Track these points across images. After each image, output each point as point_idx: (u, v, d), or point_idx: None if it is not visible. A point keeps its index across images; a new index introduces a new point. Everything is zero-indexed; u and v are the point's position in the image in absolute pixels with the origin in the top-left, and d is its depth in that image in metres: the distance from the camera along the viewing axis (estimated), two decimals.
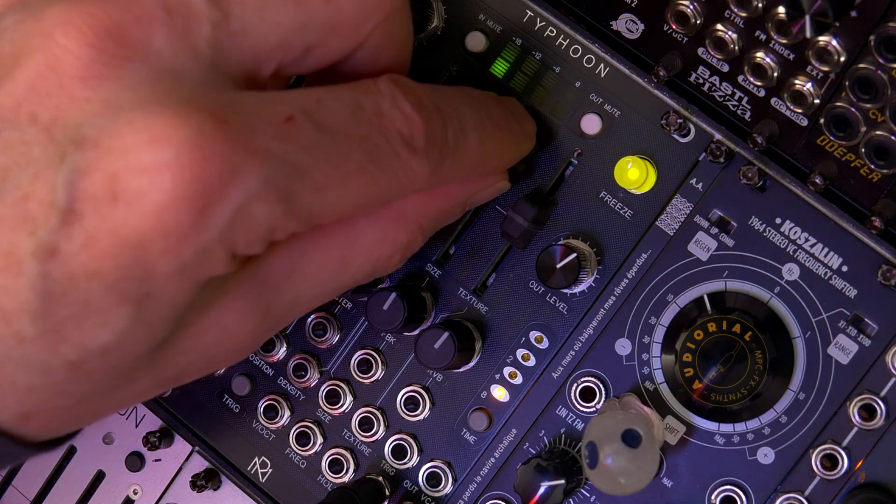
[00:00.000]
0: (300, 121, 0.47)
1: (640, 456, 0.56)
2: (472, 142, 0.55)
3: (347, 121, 0.49)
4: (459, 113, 0.54)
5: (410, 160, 0.51)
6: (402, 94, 0.51)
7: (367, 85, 0.51)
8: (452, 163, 0.53)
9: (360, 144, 0.49)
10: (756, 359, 0.59)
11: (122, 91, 0.44)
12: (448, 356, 0.61)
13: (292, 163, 0.46)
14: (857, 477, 0.59)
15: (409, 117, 0.50)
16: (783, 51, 0.57)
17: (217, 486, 0.70)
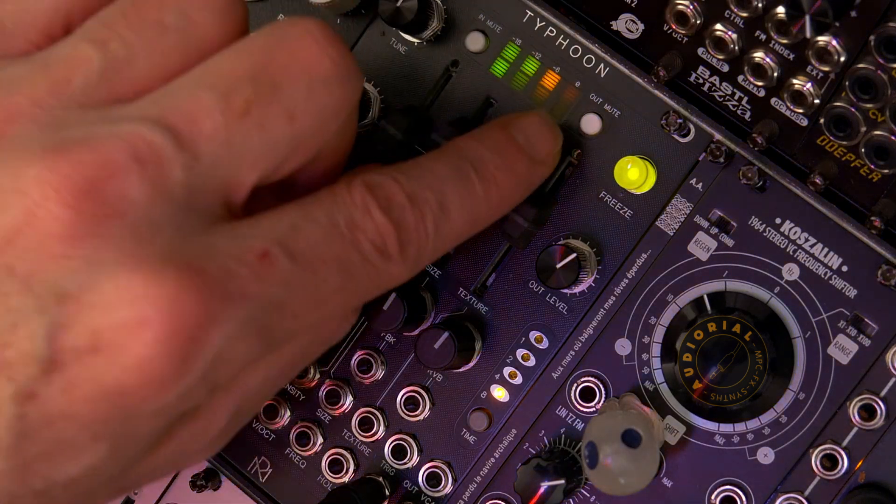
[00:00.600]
0: (275, 254, 0.48)
1: (640, 456, 0.56)
2: (456, 216, 0.55)
3: (322, 243, 0.50)
4: (439, 192, 0.54)
5: (387, 267, 0.52)
6: (373, 199, 0.51)
7: (340, 196, 0.51)
8: (436, 247, 0.54)
9: (336, 265, 0.50)
10: (756, 359, 0.59)
11: (101, 247, 0.45)
12: (448, 356, 0.61)
13: (269, 300, 0.47)
14: (857, 477, 0.59)
15: (380, 226, 0.51)
16: (783, 51, 0.57)
17: (217, 486, 0.70)
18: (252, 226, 0.48)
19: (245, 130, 0.47)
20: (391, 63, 0.65)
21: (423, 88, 0.64)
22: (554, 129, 0.60)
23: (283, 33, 0.49)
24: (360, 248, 0.51)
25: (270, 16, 0.67)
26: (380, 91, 0.65)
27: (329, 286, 0.50)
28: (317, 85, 0.49)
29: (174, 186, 0.46)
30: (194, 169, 0.46)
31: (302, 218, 0.50)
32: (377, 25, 0.65)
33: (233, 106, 0.47)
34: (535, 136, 0.59)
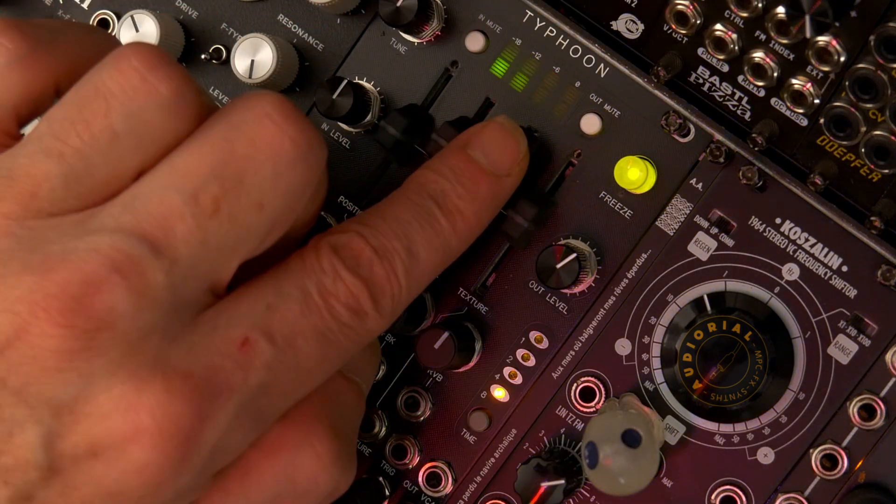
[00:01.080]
0: (254, 340, 0.49)
1: (640, 456, 0.56)
2: (425, 258, 0.55)
3: (298, 317, 0.51)
4: (406, 238, 0.54)
5: (362, 325, 0.52)
6: (341, 260, 0.52)
7: (308, 263, 0.52)
8: (411, 290, 0.55)
9: (314, 336, 0.51)
10: (756, 359, 0.59)
11: (93, 359, 0.46)
12: (448, 356, 0.61)
13: (256, 386, 0.49)
14: (857, 477, 0.59)
15: (351, 287, 0.52)
16: (783, 51, 0.57)
17: None
18: (230, 313, 0.50)
19: (218, 227, 0.48)
20: (391, 63, 0.65)
21: (423, 88, 0.64)
22: (514, 135, 0.59)
23: (241, 119, 0.50)
24: (335, 314, 0.51)
25: (270, 16, 0.67)
26: (380, 91, 0.65)
27: (311, 360, 0.51)
28: (281, 168, 0.49)
29: (158, 291, 0.47)
30: (175, 271, 0.48)
31: (276, 296, 0.51)
32: (377, 25, 0.65)
33: (202, 206, 0.48)
34: (496, 151, 0.59)
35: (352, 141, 0.66)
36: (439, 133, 0.61)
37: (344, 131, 0.66)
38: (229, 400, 0.48)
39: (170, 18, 0.67)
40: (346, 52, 0.66)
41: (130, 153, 0.49)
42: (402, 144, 0.62)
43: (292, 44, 0.66)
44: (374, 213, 0.55)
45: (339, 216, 0.66)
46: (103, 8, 0.69)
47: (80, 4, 0.70)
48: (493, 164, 0.58)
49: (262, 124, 0.49)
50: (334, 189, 0.66)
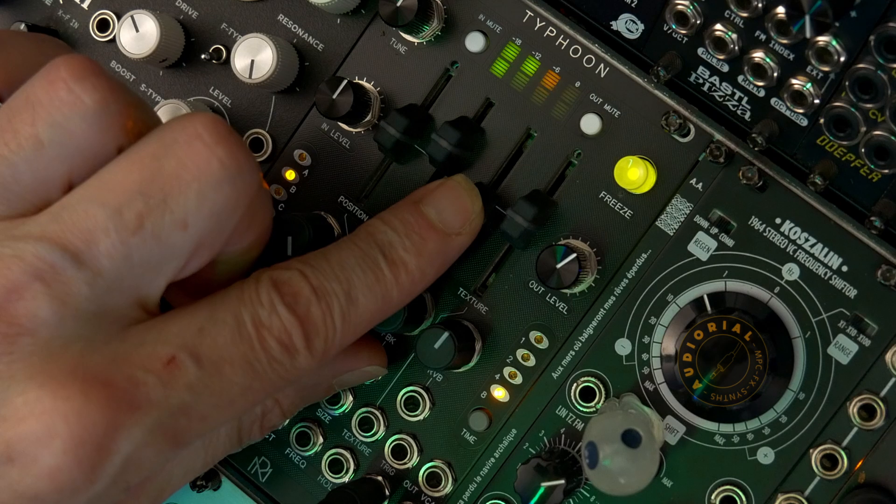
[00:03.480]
0: (181, 360, 0.50)
1: (640, 456, 0.56)
2: (364, 305, 0.56)
3: (228, 344, 0.51)
4: (347, 282, 0.55)
5: (292, 362, 0.53)
6: (279, 296, 0.53)
7: (247, 294, 0.53)
8: (346, 335, 0.55)
9: (242, 366, 0.51)
10: (756, 359, 0.59)
11: (13, 364, 0.47)
12: (448, 356, 0.61)
13: (176, 405, 0.49)
14: (857, 477, 0.59)
15: (286, 323, 0.52)
16: (783, 51, 0.57)
17: (217, 486, 0.70)
18: (160, 330, 0.50)
19: (141, 243, 0.49)
20: (391, 63, 0.65)
21: (423, 88, 0.64)
22: (469, 194, 0.60)
23: (172, 139, 0.50)
24: (265, 347, 0.52)
25: (270, 16, 0.67)
26: (380, 91, 0.65)
27: (236, 388, 0.51)
28: (207, 189, 0.50)
29: (81, 302, 0.48)
30: (98, 284, 0.48)
31: (209, 320, 0.51)
32: (377, 25, 0.65)
33: (125, 222, 0.49)
34: (448, 209, 0.59)
35: (352, 141, 0.66)
36: (439, 133, 0.61)
37: (344, 131, 0.66)
38: (147, 415, 0.48)
39: (170, 18, 0.67)
40: (346, 52, 0.66)
41: (56, 162, 0.49)
42: (402, 144, 0.62)
43: (292, 44, 0.66)
44: (319, 255, 0.56)
45: (339, 216, 0.66)
46: (103, 8, 0.69)
47: (80, 4, 0.70)
48: (445, 221, 0.59)
49: (192, 144, 0.50)
50: (334, 189, 0.66)
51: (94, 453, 0.47)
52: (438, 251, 0.59)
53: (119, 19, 0.68)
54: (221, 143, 0.50)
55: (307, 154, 0.66)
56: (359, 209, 0.65)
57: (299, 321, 0.53)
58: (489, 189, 0.63)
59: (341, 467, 0.66)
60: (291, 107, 0.67)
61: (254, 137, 0.67)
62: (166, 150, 0.50)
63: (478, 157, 0.64)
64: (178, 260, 0.51)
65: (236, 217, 0.52)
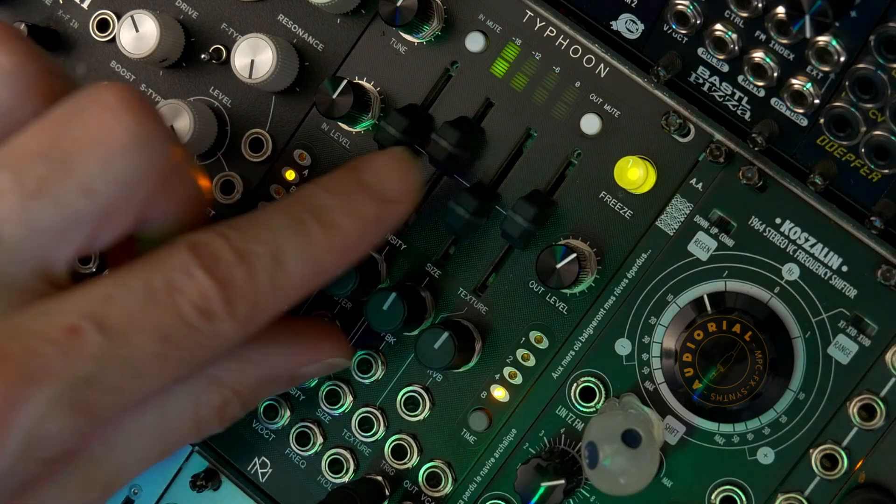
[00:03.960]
0: (84, 329, 0.48)
1: (640, 456, 0.56)
2: (295, 268, 0.53)
3: (138, 312, 0.49)
4: (274, 244, 0.52)
5: (211, 328, 0.50)
6: (196, 259, 0.50)
7: (159, 260, 0.51)
8: (274, 301, 0.53)
9: (154, 333, 0.49)
10: (756, 359, 0.59)
11: None
12: (448, 356, 0.61)
13: (80, 376, 0.47)
14: (857, 477, 0.59)
15: (202, 286, 0.50)
16: (783, 51, 0.57)
17: (217, 486, 0.70)
18: (63, 300, 0.49)
19: (41, 208, 0.48)
20: (391, 63, 0.65)
21: (423, 88, 0.64)
22: (408, 164, 0.58)
23: (80, 106, 0.49)
24: (179, 312, 0.50)
25: (270, 16, 0.67)
26: (380, 91, 0.65)
27: (147, 357, 0.49)
28: (112, 156, 0.49)
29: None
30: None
31: (115, 287, 0.49)
32: (377, 25, 0.65)
33: (26, 185, 0.47)
34: (387, 176, 0.57)
35: (352, 141, 0.66)
36: (439, 133, 0.61)
37: (344, 131, 0.66)
38: (47, 386, 0.46)
39: (170, 18, 0.67)
40: (346, 52, 0.66)
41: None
42: (402, 144, 0.62)
43: (292, 44, 0.66)
44: (245, 217, 0.53)
45: None
46: (103, 8, 0.69)
47: (80, 4, 0.70)
48: (383, 187, 0.56)
49: (99, 111, 0.49)
50: None
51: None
52: (375, 217, 0.56)
53: (119, 19, 0.68)
54: (130, 111, 0.49)
55: (307, 154, 0.66)
56: None
57: (218, 284, 0.50)
58: (489, 189, 0.63)
59: (341, 467, 0.66)
60: (291, 107, 0.67)
61: (254, 137, 0.67)
62: (74, 116, 0.49)
63: (478, 157, 0.64)
64: (83, 228, 0.49)
65: (146, 187, 0.50)
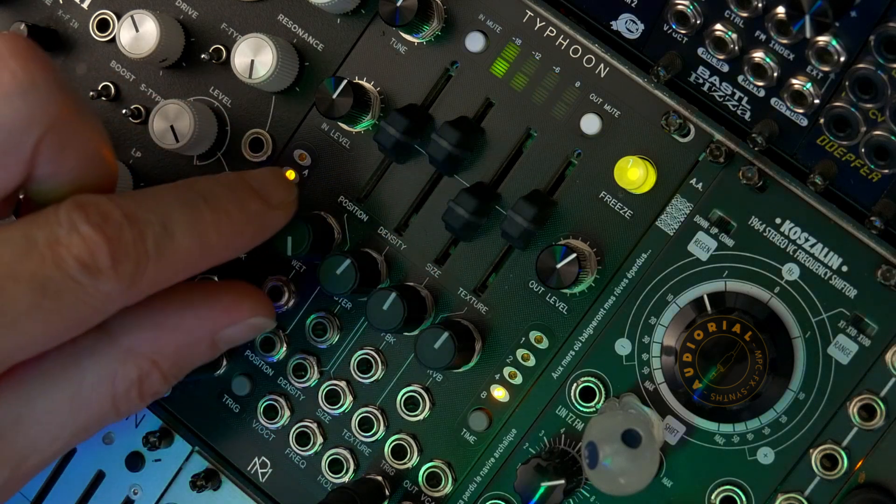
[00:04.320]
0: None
1: (640, 456, 0.56)
2: (182, 239, 0.53)
3: (13, 262, 0.48)
4: (163, 215, 0.53)
5: (94, 284, 0.50)
6: (84, 215, 0.50)
7: (43, 216, 0.50)
8: (159, 269, 0.52)
9: (29, 283, 0.48)
10: (756, 359, 0.59)
11: None
12: (448, 356, 0.61)
13: None
14: (857, 477, 0.59)
15: (88, 240, 0.49)
16: (783, 51, 0.57)
17: (217, 486, 0.70)
18: None
19: None
20: (391, 63, 0.65)
21: (423, 88, 0.64)
22: (287, 181, 0.61)
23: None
24: (60, 265, 0.49)
25: (270, 16, 0.67)
26: (380, 91, 0.65)
27: (19, 306, 0.48)
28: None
29: None
30: None
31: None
32: (377, 25, 0.65)
33: None
34: (269, 184, 0.59)
35: (352, 141, 0.66)
36: (439, 133, 0.61)
37: (344, 131, 0.66)
38: None
39: (170, 18, 0.67)
40: (346, 52, 0.66)
41: None
42: (402, 144, 0.62)
43: (292, 44, 0.66)
44: (136, 191, 0.53)
45: (339, 216, 0.66)
46: (103, 8, 0.69)
47: (80, 4, 0.70)
48: (266, 192, 0.58)
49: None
50: (334, 189, 0.66)
51: None
52: (259, 214, 0.57)
53: (119, 19, 0.68)
54: (16, 57, 0.49)
55: (307, 154, 0.66)
56: (359, 209, 0.65)
57: (106, 240, 0.50)
58: (489, 189, 0.63)
59: (341, 467, 0.66)
60: (291, 107, 0.67)
61: (254, 137, 0.67)
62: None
63: (478, 157, 0.64)
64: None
65: (32, 135, 0.50)
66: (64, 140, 0.52)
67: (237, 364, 0.68)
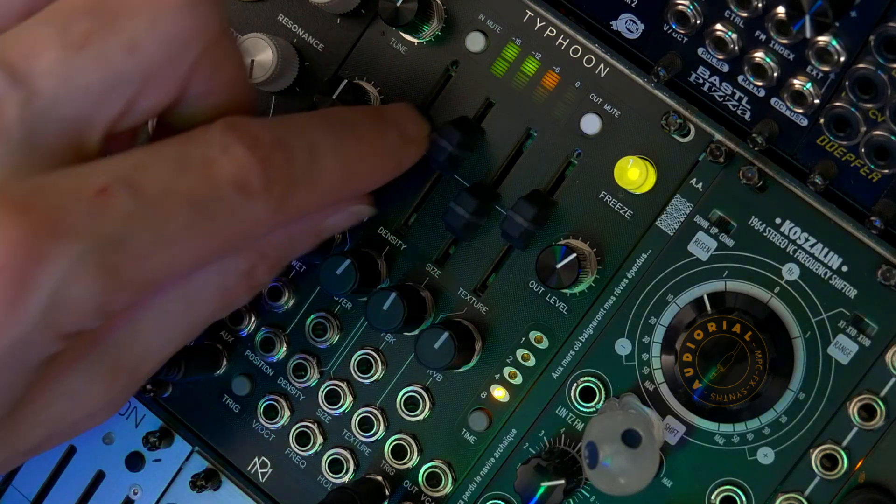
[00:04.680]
0: (114, 191, 0.46)
1: (640, 456, 0.56)
2: (328, 165, 0.53)
3: (170, 179, 0.47)
4: (310, 140, 0.52)
5: (246, 204, 0.49)
6: (236, 136, 0.49)
7: (195, 136, 0.49)
8: (306, 193, 0.52)
9: (186, 201, 0.48)
10: (756, 359, 0.59)
11: None
12: (448, 356, 0.61)
13: (107, 236, 0.45)
14: (857, 477, 0.59)
15: (240, 161, 0.49)
16: (783, 51, 0.57)
17: (217, 486, 0.70)
18: (92, 165, 0.47)
19: (84, 64, 0.46)
20: (391, 63, 0.65)
21: (423, 88, 0.64)
22: (420, 116, 0.61)
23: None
24: (214, 183, 0.48)
25: (270, 16, 0.67)
26: (380, 91, 0.65)
27: (177, 224, 0.47)
28: (161, 14, 0.47)
29: (10, 124, 0.45)
30: (32, 105, 0.45)
31: (149, 155, 0.48)
32: (377, 25, 0.65)
33: (70, 38, 0.46)
34: (405, 118, 0.59)
35: None
36: (439, 133, 0.61)
37: None
38: (74, 243, 0.44)
39: None
40: (346, 52, 0.66)
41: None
42: None
43: (292, 44, 0.66)
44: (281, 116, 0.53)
45: None
46: None
47: None
48: (402, 126, 0.58)
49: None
50: None
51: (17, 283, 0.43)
52: (397, 147, 0.58)
53: None
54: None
55: None
56: None
57: (258, 162, 0.49)
58: (489, 189, 0.63)
59: (341, 467, 0.66)
60: (291, 107, 0.67)
61: None
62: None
63: (478, 157, 0.64)
64: (124, 89, 0.48)
65: (192, 52, 0.49)
66: (218, 59, 0.51)
67: (237, 364, 0.68)
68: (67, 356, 0.49)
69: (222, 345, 0.68)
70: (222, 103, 0.53)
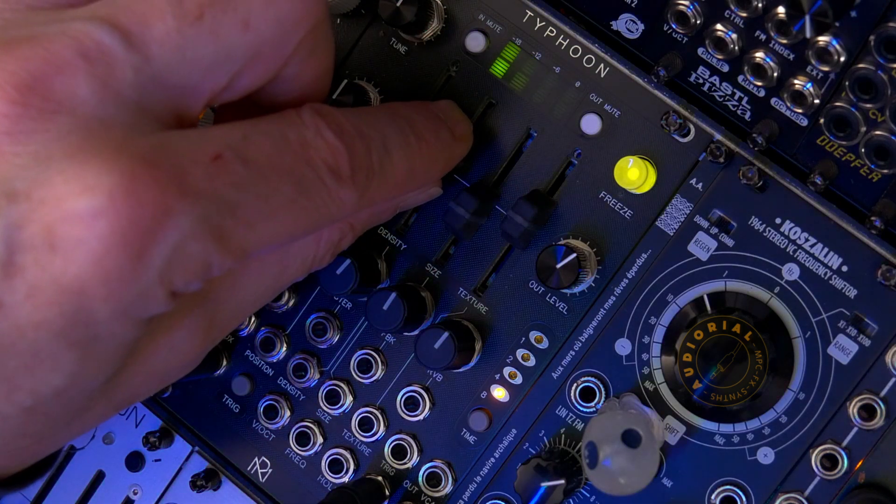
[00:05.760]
0: (228, 158, 0.47)
1: (640, 456, 0.56)
2: (397, 160, 0.55)
3: (273, 154, 0.49)
4: (383, 134, 0.54)
5: (338, 189, 0.51)
6: (325, 122, 0.51)
7: (290, 116, 0.51)
8: (379, 184, 0.54)
9: (288, 176, 0.49)
10: (756, 359, 0.59)
11: (51, 143, 0.43)
12: (448, 356, 0.61)
13: (223, 200, 0.46)
14: (857, 477, 0.59)
15: (333, 146, 0.51)
16: (783, 51, 0.57)
17: (217, 486, 0.70)
18: (203, 132, 0.47)
19: (198, 36, 0.47)
20: (391, 63, 0.65)
21: (423, 88, 0.64)
22: (464, 114, 0.62)
23: None
24: (312, 164, 0.50)
25: None
26: (380, 91, 0.65)
27: (281, 196, 0.49)
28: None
29: (124, 87, 0.45)
30: (145, 71, 0.46)
31: (252, 129, 0.49)
32: (377, 25, 0.65)
33: (186, 10, 0.46)
34: (452, 116, 0.61)
35: None
36: None
37: None
38: (195, 204, 0.45)
39: None
40: (347, 52, 0.66)
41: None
42: None
43: None
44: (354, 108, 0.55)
45: None
46: None
47: None
48: (452, 124, 0.60)
49: None
50: None
51: (142, 236, 0.43)
52: (448, 143, 0.60)
53: None
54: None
55: None
56: None
57: (346, 148, 0.51)
58: (489, 189, 0.63)
59: (341, 467, 0.66)
60: None
61: None
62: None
63: (478, 157, 0.64)
64: (231, 64, 0.48)
65: (299, 33, 0.50)
66: (316, 44, 0.52)
67: (237, 364, 0.68)
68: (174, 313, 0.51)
69: (222, 344, 0.68)
70: (309, 88, 0.54)
